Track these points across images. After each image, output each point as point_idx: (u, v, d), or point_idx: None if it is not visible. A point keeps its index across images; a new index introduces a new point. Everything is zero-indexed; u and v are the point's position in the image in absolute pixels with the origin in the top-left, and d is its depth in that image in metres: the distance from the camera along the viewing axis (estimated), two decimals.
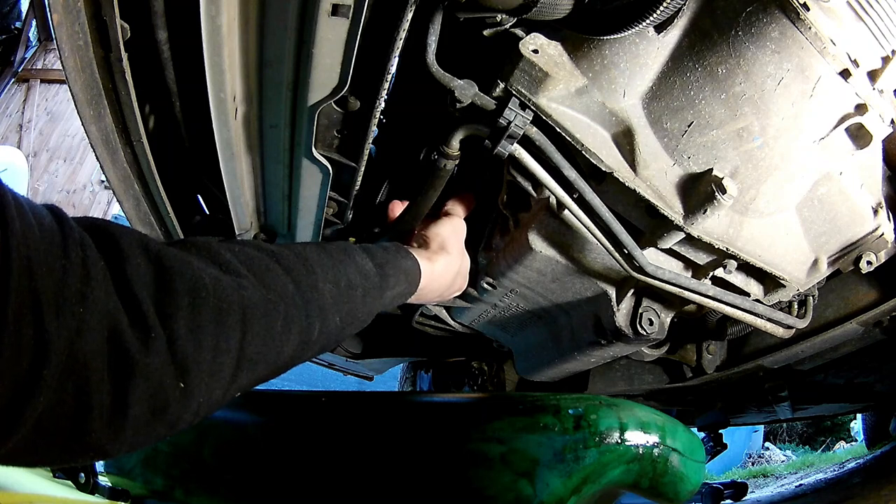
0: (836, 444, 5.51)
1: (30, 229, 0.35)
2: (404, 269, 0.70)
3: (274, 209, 0.90)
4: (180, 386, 0.41)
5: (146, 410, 0.40)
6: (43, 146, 5.67)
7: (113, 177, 0.84)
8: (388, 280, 0.66)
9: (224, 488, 1.06)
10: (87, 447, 0.38)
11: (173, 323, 0.41)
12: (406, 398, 1.19)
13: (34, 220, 0.36)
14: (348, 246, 0.65)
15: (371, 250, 0.67)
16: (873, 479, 1.61)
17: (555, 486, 0.77)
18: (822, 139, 0.68)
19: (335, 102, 0.67)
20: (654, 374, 1.21)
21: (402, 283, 0.69)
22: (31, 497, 1.05)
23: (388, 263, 0.67)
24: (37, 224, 0.36)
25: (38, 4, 5.57)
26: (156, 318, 0.40)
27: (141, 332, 0.39)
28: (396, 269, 0.68)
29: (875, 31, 0.65)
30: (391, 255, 0.69)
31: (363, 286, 0.61)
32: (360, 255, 0.64)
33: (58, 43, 0.60)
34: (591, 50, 0.66)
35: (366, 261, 0.64)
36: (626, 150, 0.69)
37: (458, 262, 0.81)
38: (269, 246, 0.55)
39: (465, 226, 0.86)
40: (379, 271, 0.65)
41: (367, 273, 0.63)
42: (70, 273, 0.36)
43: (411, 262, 0.72)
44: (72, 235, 0.38)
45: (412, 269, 0.71)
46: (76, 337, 0.36)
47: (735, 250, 0.72)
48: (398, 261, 0.69)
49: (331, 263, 0.59)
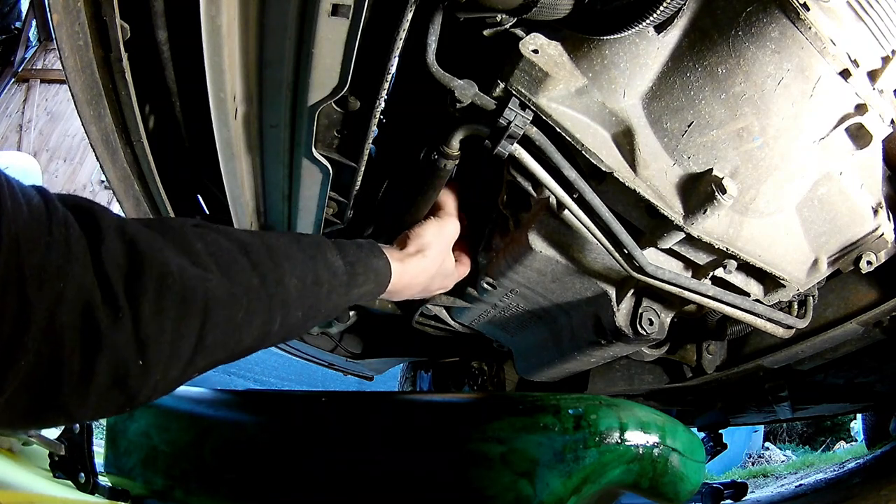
0: (836, 444, 5.51)
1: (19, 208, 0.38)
2: (374, 268, 0.71)
3: (274, 209, 0.90)
4: (138, 363, 0.44)
5: (108, 379, 0.43)
6: (43, 146, 5.67)
7: (113, 177, 0.84)
8: (356, 278, 0.67)
9: (224, 488, 1.06)
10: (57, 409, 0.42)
11: (139, 304, 0.44)
12: (406, 398, 1.19)
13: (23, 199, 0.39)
14: (321, 241, 0.67)
15: (344, 247, 0.68)
16: (873, 479, 1.61)
17: (555, 486, 0.77)
18: (822, 139, 0.68)
19: (335, 102, 0.67)
20: (654, 374, 1.21)
21: (371, 282, 0.71)
22: (31, 497, 1.05)
23: (358, 262, 0.69)
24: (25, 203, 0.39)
25: (38, 4, 5.57)
26: (125, 299, 0.43)
27: (111, 309, 0.42)
28: (366, 268, 0.70)
29: (875, 31, 0.65)
30: (364, 253, 0.71)
31: (329, 283, 0.63)
32: (332, 252, 0.66)
33: (58, 43, 0.60)
34: (591, 50, 0.66)
35: (336, 258, 0.66)
36: (626, 150, 0.69)
37: (435, 264, 0.82)
38: (242, 235, 0.57)
39: (456, 225, 0.86)
40: (348, 269, 0.66)
41: (335, 270, 0.65)
42: (53, 249, 0.40)
43: (383, 262, 0.73)
44: (56, 215, 0.41)
45: (382, 269, 0.73)
46: (55, 308, 0.39)
47: (735, 250, 0.72)
48: (370, 260, 0.71)
49: (300, 258, 0.61)
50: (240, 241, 0.56)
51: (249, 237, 0.58)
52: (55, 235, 0.40)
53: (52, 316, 0.39)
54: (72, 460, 1.21)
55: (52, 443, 1.21)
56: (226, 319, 0.51)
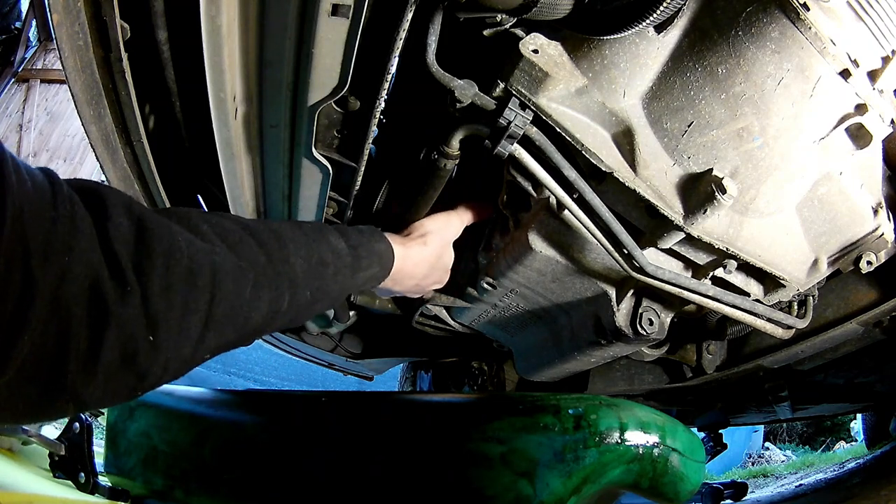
0: (836, 444, 5.51)
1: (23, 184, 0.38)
2: (377, 251, 0.72)
3: (274, 209, 0.90)
4: (149, 339, 0.44)
5: (117, 357, 0.42)
6: (43, 146, 5.67)
7: (113, 177, 0.83)
8: (360, 261, 0.68)
9: (224, 488, 1.06)
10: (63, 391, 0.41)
11: (148, 280, 0.43)
12: (406, 398, 1.19)
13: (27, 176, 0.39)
14: (323, 226, 0.67)
15: (346, 231, 0.69)
16: (873, 479, 1.61)
17: (555, 486, 0.77)
18: (822, 139, 0.68)
19: (335, 102, 0.67)
20: (654, 374, 1.21)
21: (375, 265, 0.71)
22: (31, 497, 1.05)
23: (361, 245, 0.69)
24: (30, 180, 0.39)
25: (38, 4, 5.56)
26: (133, 274, 0.43)
27: (119, 285, 0.42)
28: (370, 252, 0.70)
29: (875, 31, 0.65)
30: (366, 237, 0.71)
31: (335, 264, 0.64)
32: (334, 235, 0.67)
33: (58, 43, 0.60)
34: (591, 50, 0.66)
35: (339, 241, 0.66)
36: (626, 150, 0.69)
37: (435, 254, 0.83)
38: (245, 220, 0.58)
39: (460, 227, 0.88)
40: (352, 252, 0.67)
41: (339, 252, 0.65)
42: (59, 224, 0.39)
43: (385, 245, 0.74)
44: (61, 192, 0.41)
45: (385, 253, 0.73)
46: (60, 283, 0.38)
47: (735, 250, 0.72)
48: (372, 244, 0.72)
49: (304, 240, 0.61)
50: (243, 223, 0.57)
51: (253, 222, 0.59)
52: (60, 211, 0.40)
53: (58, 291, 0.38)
54: (72, 460, 1.21)
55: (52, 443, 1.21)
56: (234, 294, 0.50)
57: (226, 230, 0.53)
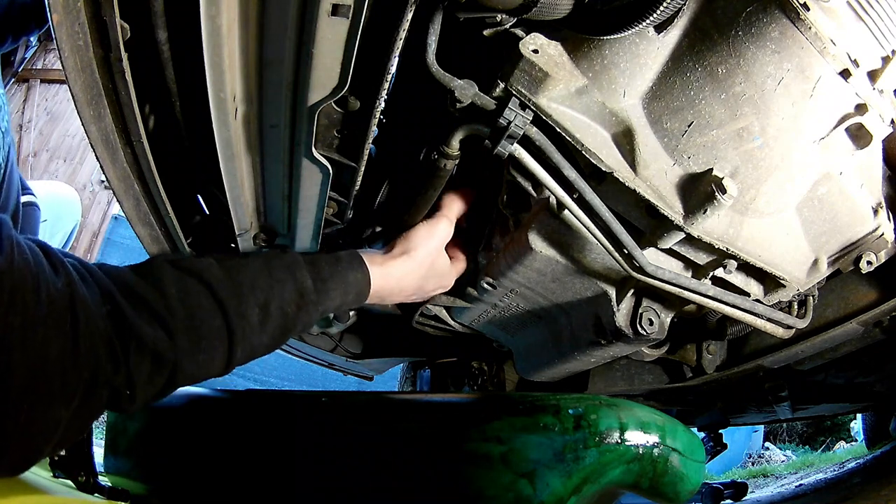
0: (836, 444, 5.51)
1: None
2: (350, 281, 0.77)
3: (274, 209, 0.89)
4: (126, 393, 0.59)
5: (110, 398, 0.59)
6: (43, 146, 5.67)
7: (113, 177, 0.83)
8: (328, 293, 0.74)
9: (224, 488, 1.06)
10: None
11: (129, 370, 0.58)
12: (406, 398, 1.19)
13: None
14: (294, 262, 0.73)
15: (318, 264, 0.75)
16: (873, 479, 1.61)
17: (555, 486, 0.77)
18: (822, 139, 0.68)
19: (335, 102, 0.67)
20: (654, 374, 1.21)
21: (349, 293, 0.77)
22: (31, 497, 1.05)
23: (332, 278, 0.75)
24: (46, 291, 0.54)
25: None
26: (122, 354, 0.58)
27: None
28: (341, 282, 0.76)
29: (875, 31, 0.65)
30: (341, 266, 0.77)
31: (297, 303, 0.71)
32: (303, 272, 0.73)
33: (58, 43, 0.60)
34: (591, 50, 0.66)
35: (307, 279, 0.72)
36: (626, 150, 0.69)
37: (423, 265, 0.85)
38: (214, 274, 0.67)
39: (448, 226, 0.87)
40: (319, 286, 0.73)
41: (305, 291, 0.72)
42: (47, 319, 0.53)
43: (360, 273, 0.78)
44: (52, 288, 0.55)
45: (360, 281, 0.78)
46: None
47: (735, 250, 0.72)
48: (346, 274, 0.77)
49: (266, 285, 0.69)
50: (207, 282, 0.65)
51: (220, 274, 0.67)
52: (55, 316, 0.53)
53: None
54: (72, 460, 1.21)
55: None
56: (192, 365, 0.63)
57: (189, 294, 0.63)
